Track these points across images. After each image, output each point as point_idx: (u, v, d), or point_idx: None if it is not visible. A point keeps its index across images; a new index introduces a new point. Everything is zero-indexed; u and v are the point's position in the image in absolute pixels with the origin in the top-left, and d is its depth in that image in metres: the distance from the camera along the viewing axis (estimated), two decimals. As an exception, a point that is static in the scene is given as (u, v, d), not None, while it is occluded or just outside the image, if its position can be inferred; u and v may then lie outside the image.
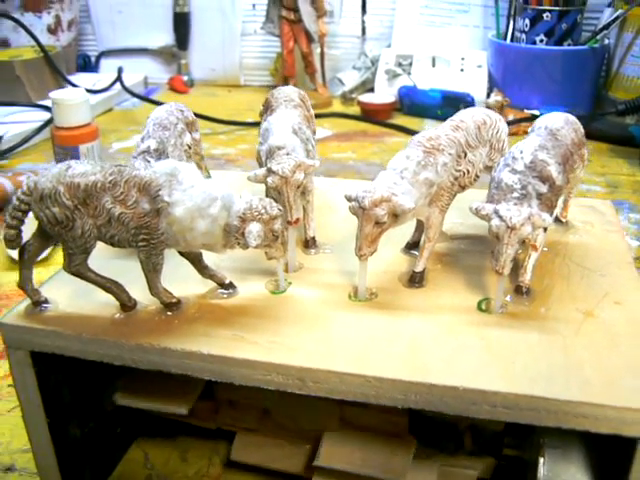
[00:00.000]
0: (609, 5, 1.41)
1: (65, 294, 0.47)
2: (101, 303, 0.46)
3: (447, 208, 0.48)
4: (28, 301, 0.46)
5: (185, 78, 1.76)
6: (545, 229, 0.46)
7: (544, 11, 1.38)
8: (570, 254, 0.51)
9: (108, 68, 1.75)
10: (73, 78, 1.57)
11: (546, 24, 1.38)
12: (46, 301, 0.46)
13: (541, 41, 1.40)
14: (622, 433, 0.36)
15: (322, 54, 1.59)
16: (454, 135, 0.47)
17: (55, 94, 0.94)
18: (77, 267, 0.42)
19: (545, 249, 0.52)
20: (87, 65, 1.79)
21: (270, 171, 0.47)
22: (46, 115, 1.35)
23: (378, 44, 1.63)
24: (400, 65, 1.55)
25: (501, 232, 0.42)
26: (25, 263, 0.44)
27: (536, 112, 1.34)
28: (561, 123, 0.48)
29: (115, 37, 1.77)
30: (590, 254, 0.51)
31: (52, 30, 1.56)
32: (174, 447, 0.59)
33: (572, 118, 0.50)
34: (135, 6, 1.73)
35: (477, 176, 0.49)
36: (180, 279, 0.47)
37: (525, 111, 1.36)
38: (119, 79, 1.56)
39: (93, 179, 0.40)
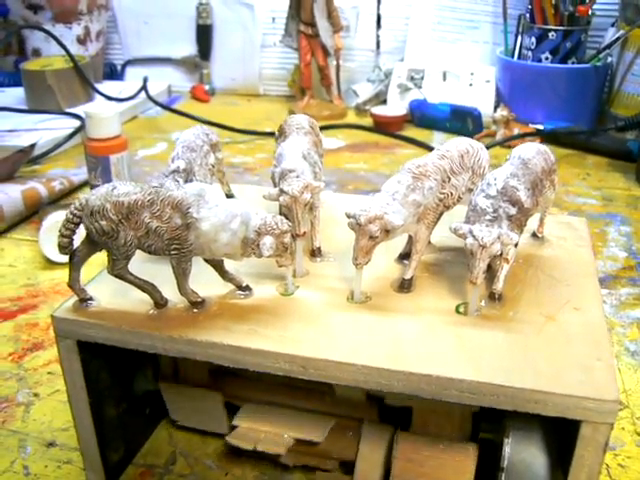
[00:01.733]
0: (612, 25, 1.48)
1: (107, 293, 0.55)
2: (137, 301, 0.54)
3: (433, 225, 0.56)
4: (75, 298, 0.54)
5: (207, 87, 1.85)
6: (516, 245, 0.54)
7: (550, 30, 1.45)
8: (542, 265, 0.59)
9: (133, 76, 1.85)
10: (100, 86, 1.66)
11: (551, 42, 1.46)
12: (91, 298, 0.54)
13: (546, 59, 1.47)
14: (566, 416, 0.44)
15: (338, 67, 1.67)
16: (440, 163, 0.55)
17: (88, 107, 1.03)
18: (119, 271, 0.51)
19: (520, 261, 0.59)
20: (113, 73, 1.88)
21: (282, 191, 0.55)
22: (76, 123, 1.44)
23: (392, 58, 1.71)
24: (412, 79, 1.62)
25: (474, 249, 0.50)
26: (74, 266, 0.52)
27: (540, 126, 1.41)
28: (532, 153, 0.56)
29: (140, 47, 1.87)
30: (559, 266, 0.59)
31: (81, 40, 1.66)
32: (195, 429, 0.67)
33: (543, 148, 0.58)
34: (160, 17, 1.82)
35: (460, 197, 0.57)
36: (205, 282, 0.55)
37: (530, 125, 1.43)
38: (144, 88, 1.65)
39: (135, 198, 0.49)
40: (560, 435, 0.50)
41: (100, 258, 0.52)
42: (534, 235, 0.64)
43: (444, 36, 1.65)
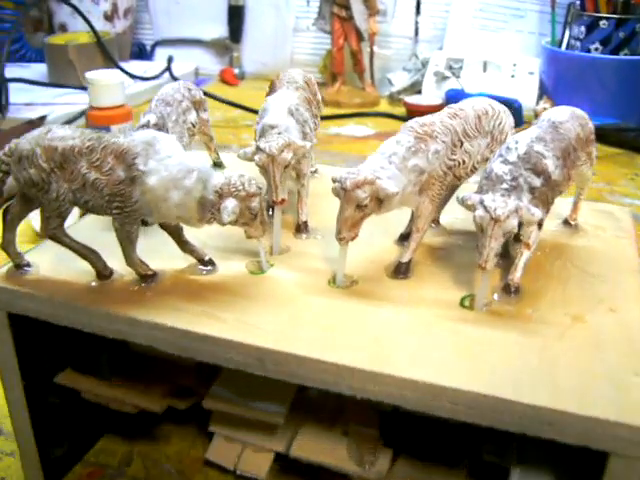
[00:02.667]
0: (672, 15, 1.35)
1: (48, 260, 0.47)
2: (80, 271, 0.45)
3: (438, 198, 0.46)
4: (12, 264, 0.46)
5: (236, 71, 1.77)
6: (540, 226, 0.43)
7: (601, 18, 1.33)
8: (574, 257, 0.49)
9: (162, 57, 1.78)
10: (126, 65, 1.60)
11: (602, 32, 1.33)
12: (28, 265, 0.46)
13: (596, 49, 1.35)
14: (590, 445, 0.34)
15: (371, 53, 1.58)
16: (450, 122, 0.45)
17: (90, 74, 0.95)
18: (53, 231, 0.42)
19: (547, 250, 0.49)
20: (143, 53, 1.82)
21: (258, 149, 0.46)
22: (92, 98, 1.37)
23: (430, 46, 1.60)
24: (451, 68, 1.52)
25: (485, 224, 0.40)
26: (7, 226, 0.44)
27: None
28: (566, 117, 0.46)
29: (170, 27, 1.80)
30: (595, 259, 0.48)
31: (108, 17, 1.60)
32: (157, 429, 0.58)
33: (580, 112, 0.47)
34: (193, -2, 1.75)
35: (475, 168, 0.47)
36: (163, 253, 0.46)
37: (574, 121, 1.31)
38: (168, 68, 1.59)
39: (71, 143, 0.40)
40: (580, 469, 0.40)
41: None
42: (566, 222, 0.53)
43: (486, 24, 1.54)
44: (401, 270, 0.46)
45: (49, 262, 0.47)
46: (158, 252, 0.47)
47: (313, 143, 0.51)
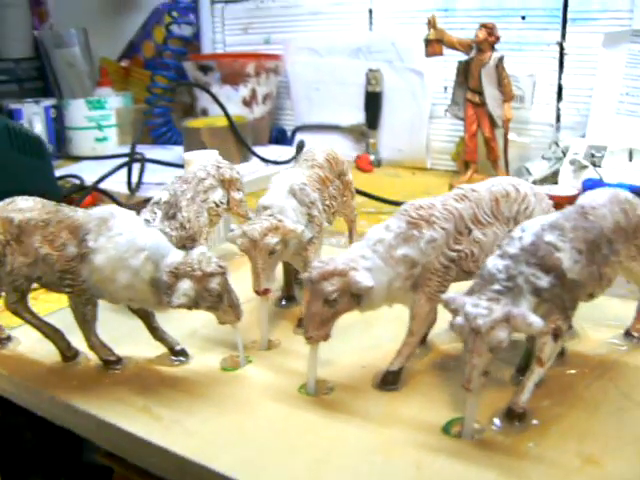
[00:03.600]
0: None
1: (32, 338, 0.45)
2: (56, 352, 0.43)
3: (438, 297, 0.38)
4: (-3, 338, 0.45)
5: (372, 157, 1.77)
6: (556, 337, 0.34)
7: None
8: (620, 379, 0.38)
9: (301, 142, 1.83)
10: (264, 149, 1.65)
11: None
12: (8, 338, 0.44)
13: None
14: None
15: (506, 140, 1.49)
16: (455, 206, 0.38)
17: (187, 155, 0.98)
18: (13, 306, 0.41)
19: (586, 370, 0.39)
20: (283, 138, 1.88)
21: (243, 233, 0.42)
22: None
23: (572, 133, 1.49)
24: (592, 156, 1.39)
25: (464, 335, 0.32)
26: (-14, 298, 0.43)
27: None
28: (602, 200, 0.37)
29: (311, 113, 1.84)
30: (650, 385, 0.38)
31: (247, 102, 1.67)
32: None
33: (626, 196, 0.38)
34: (331, 84, 1.79)
35: (487, 261, 0.39)
36: (143, 339, 0.43)
37: None
38: (299, 153, 1.61)
39: (28, 216, 0.38)
40: None
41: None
42: (627, 334, 0.42)
43: (634, 110, 1.40)
44: (388, 380, 0.38)
45: (32, 340, 0.45)
46: (136, 337, 0.43)
47: (323, 226, 0.46)
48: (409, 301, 0.38)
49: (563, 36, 1.48)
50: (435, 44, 1.48)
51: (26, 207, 0.39)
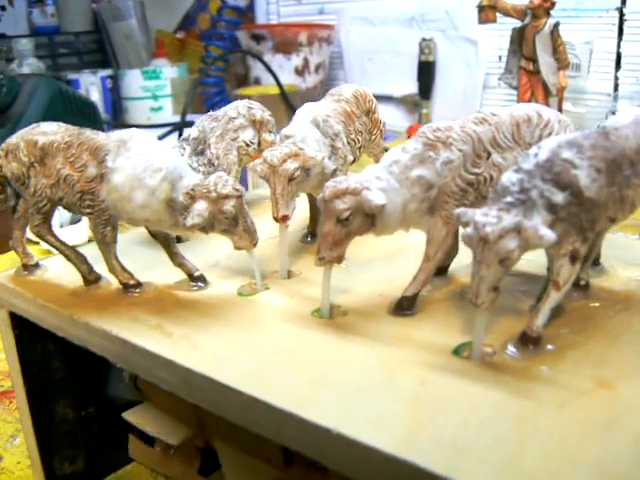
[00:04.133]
0: None
1: (59, 265, 0.46)
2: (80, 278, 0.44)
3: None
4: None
5: (424, 128, 1.74)
6: (573, 259, 0.33)
7: None
8: (646, 313, 0.36)
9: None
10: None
11: None
12: (36, 265, 0.45)
13: None
14: None
15: (560, 110, 1.44)
16: (474, 129, 0.37)
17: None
18: (37, 228, 0.42)
19: (616, 305, 0.37)
20: (335, 110, 1.87)
21: (263, 159, 0.42)
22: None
23: (630, 103, 1.43)
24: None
25: (473, 245, 0.31)
26: (15, 224, 0.44)
27: None
28: (626, 121, 0.35)
29: (364, 83, 1.82)
30: (680, 319, 0.36)
31: (299, 71, 1.67)
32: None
33: (652, 118, 0.36)
34: (384, 54, 1.77)
35: (509, 186, 0.37)
36: (167, 266, 0.43)
37: None
38: (348, 123, 1.60)
39: (52, 138, 0.39)
40: None
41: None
42: (662, 269, 0.41)
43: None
44: (402, 305, 0.38)
45: (59, 267, 0.46)
46: (159, 267, 0.44)
47: (347, 159, 0.45)
48: (426, 226, 0.37)
49: (623, 1, 1.42)
50: (488, 10, 1.44)
51: (50, 130, 0.40)
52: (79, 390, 0.50)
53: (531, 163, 0.32)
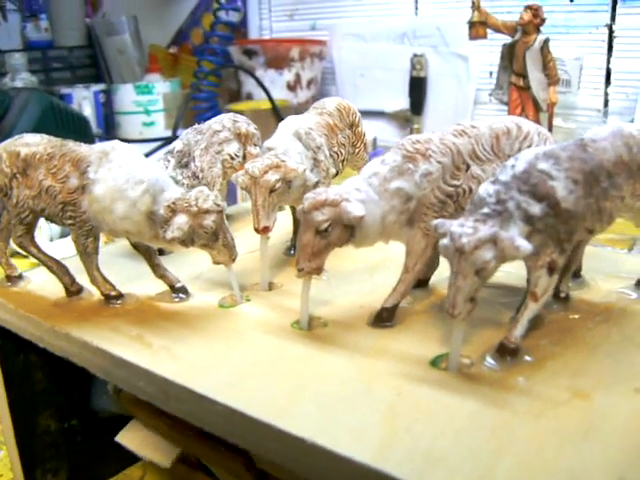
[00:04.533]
0: None
1: (43, 277, 0.46)
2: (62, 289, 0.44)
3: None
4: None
5: (416, 145, 1.75)
6: (551, 270, 0.33)
7: None
8: (624, 325, 0.36)
9: (345, 130, 1.82)
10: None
11: None
12: (20, 277, 0.45)
13: None
14: None
15: (550, 125, 1.45)
16: (453, 141, 0.37)
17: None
18: (20, 239, 0.42)
19: (597, 318, 0.37)
20: (328, 125, 1.88)
21: (244, 170, 0.42)
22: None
23: (620, 119, 1.44)
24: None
25: (449, 256, 0.31)
26: (-1, 235, 0.44)
27: None
28: (604, 134, 0.35)
29: (356, 98, 1.83)
30: (657, 330, 0.36)
31: (291, 87, 1.67)
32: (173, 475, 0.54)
33: (630, 131, 0.36)
34: (376, 69, 1.78)
35: (488, 198, 0.38)
36: (149, 278, 0.43)
37: None
38: (341, 138, 1.61)
39: (34, 150, 0.39)
40: None
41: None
42: (638, 284, 0.41)
43: (689, 92, 1.35)
44: (382, 317, 0.38)
45: (42, 279, 0.46)
46: (142, 276, 0.44)
47: (330, 172, 0.45)
48: (405, 237, 0.37)
49: (613, 18, 1.44)
50: (479, 26, 1.45)
51: (32, 142, 0.40)
52: (62, 402, 0.50)
53: (508, 174, 0.32)
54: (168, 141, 1.35)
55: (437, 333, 0.36)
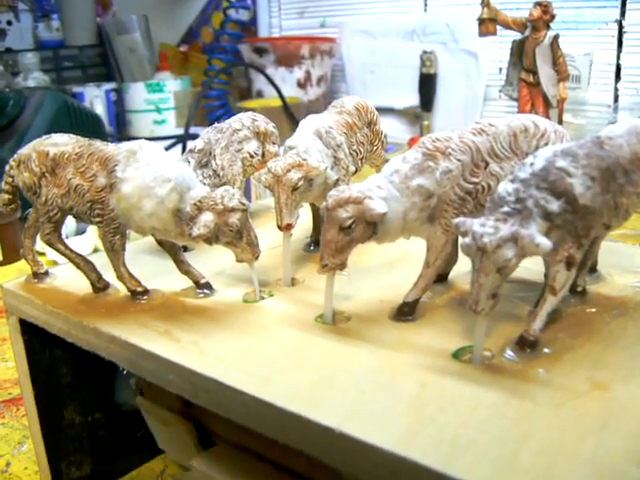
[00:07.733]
0: None
1: (70, 273, 0.47)
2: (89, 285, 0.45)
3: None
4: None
5: (425, 140, 1.76)
6: (569, 265, 0.34)
7: None
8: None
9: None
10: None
11: None
12: (46, 273, 0.47)
13: None
14: None
15: (560, 121, 1.46)
16: (472, 139, 0.38)
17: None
18: (47, 237, 0.43)
19: (614, 312, 0.38)
20: (338, 123, 1.89)
21: (267, 169, 0.43)
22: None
23: (631, 114, 1.44)
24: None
25: (471, 254, 0.32)
26: (26, 232, 0.45)
27: None
28: (619, 131, 0.36)
29: (366, 95, 1.84)
30: (674, 324, 0.37)
31: (301, 84, 1.68)
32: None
33: (645, 129, 0.37)
34: (386, 66, 1.79)
35: (507, 195, 0.38)
36: (174, 274, 0.44)
37: None
38: (350, 135, 1.62)
39: (62, 149, 0.40)
40: None
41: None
42: (657, 276, 0.42)
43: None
44: (403, 311, 0.39)
45: (68, 275, 0.47)
46: (167, 272, 0.45)
47: (349, 169, 0.46)
48: (426, 234, 0.38)
49: (623, 14, 1.44)
50: (489, 23, 1.46)
51: (61, 142, 0.41)
52: (86, 396, 0.51)
53: (527, 172, 0.33)
54: (181, 139, 1.37)
55: (458, 326, 0.37)
